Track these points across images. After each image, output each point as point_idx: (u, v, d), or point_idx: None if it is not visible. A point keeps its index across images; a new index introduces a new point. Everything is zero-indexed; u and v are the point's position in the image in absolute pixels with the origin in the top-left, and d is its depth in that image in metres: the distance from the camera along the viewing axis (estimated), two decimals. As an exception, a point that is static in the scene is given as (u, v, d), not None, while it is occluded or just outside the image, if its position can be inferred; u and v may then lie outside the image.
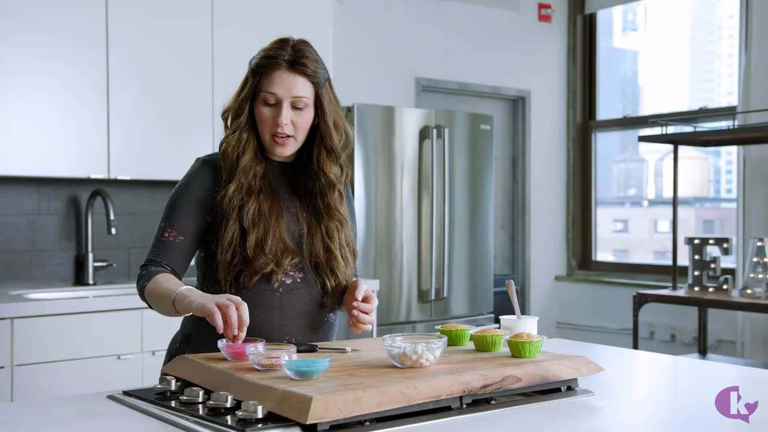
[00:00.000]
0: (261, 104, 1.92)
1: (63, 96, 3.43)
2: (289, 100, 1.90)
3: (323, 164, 1.99)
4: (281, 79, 1.90)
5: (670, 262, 5.36)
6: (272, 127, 1.92)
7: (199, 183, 1.97)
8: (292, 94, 1.90)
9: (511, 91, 5.57)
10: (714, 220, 5.86)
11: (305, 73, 1.91)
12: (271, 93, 1.90)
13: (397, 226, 4.23)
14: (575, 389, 1.71)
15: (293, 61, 1.91)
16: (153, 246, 1.97)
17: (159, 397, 1.61)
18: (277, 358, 1.59)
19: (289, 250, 1.91)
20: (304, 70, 1.91)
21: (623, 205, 5.92)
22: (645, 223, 6.02)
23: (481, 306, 4.60)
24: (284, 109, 1.90)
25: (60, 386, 3.08)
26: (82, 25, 3.46)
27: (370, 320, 1.92)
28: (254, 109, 1.94)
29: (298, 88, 1.91)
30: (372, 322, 1.93)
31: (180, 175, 3.68)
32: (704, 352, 4.34)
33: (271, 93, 1.90)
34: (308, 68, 1.92)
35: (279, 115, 1.90)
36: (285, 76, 1.90)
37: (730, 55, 5.70)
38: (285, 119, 1.90)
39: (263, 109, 1.92)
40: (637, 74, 5.99)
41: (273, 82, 1.90)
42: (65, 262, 3.74)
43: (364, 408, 1.41)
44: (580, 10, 5.82)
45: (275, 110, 1.91)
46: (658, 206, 6.00)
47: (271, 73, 1.90)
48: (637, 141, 5.77)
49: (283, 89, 1.90)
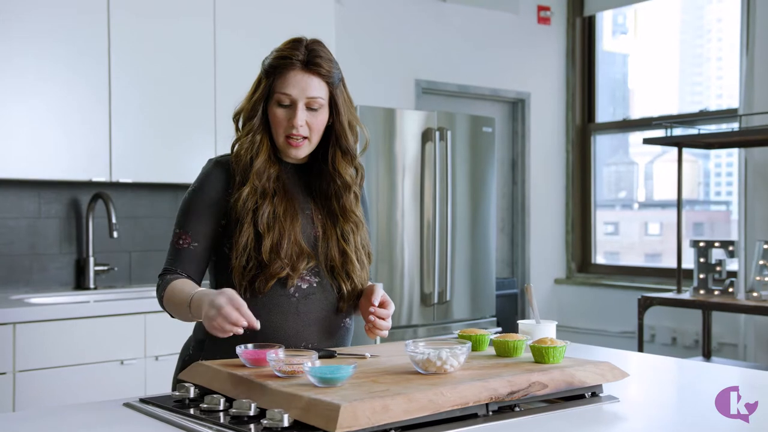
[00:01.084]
0: (275, 105, 1.89)
1: (64, 98, 3.39)
2: (303, 101, 1.87)
3: (338, 165, 1.95)
4: (296, 79, 1.86)
5: (667, 265, 5.40)
6: (287, 129, 1.88)
7: (211, 186, 1.93)
8: (307, 94, 1.87)
9: (510, 93, 5.55)
10: (704, 223, 5.88)
11: (320, 73, 1.88)
12: (286, 94, 1.87)
13: (398, 228, 4.19)
14: (600, 395, 1.69)
15: (308, 62, 1.87)
16: (168, 254, 1.94)
17: (177, 404, 1.58)
18: (299, 365, 1.55)
19: (304, 254, 1.88)
20: (318, 71, 1.88)
21: (614, 208, 5.94)
22: (635, 226, 6.03)
23: (483, 309, 4.57)
24: (299, 111, 1.86)
25: (63, 392, 3.04)
26: (84, 27, 3.42)
27: (387, 326, 1.89)
28: (268, 110, 1.90)
29: (312, 88, 1.87)
30: (389, 327, 1.89)
31: (181, 177, 3.70)
32: (708, 356, 4.32)
33: (286, 94, 1.87)
34: (323, 68, 1.88)
35: (294, 117, 1.87)
36: (300, 76, 1.87)
37: (719, 58, 5.73)
38: (300, 120, 1.86)
39: (277, 111, 1.89)
40: (627, 77, 6.00)
41: (287, 83, 1.86)
42: (66, 266, 3.69)
43: (392, 416, 1.38)
44: (579, 12, 5.81)
45: (290, 111, 1.88)
46: (648, 209, 6.02)
47: (286, 73, 1.87)
48: (627, 144, 5.82)
49: (297, 90, 1.86)
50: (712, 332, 4.54)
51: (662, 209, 6.02)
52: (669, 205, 5.93)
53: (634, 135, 5.87)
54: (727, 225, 5.56)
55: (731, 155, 5.44)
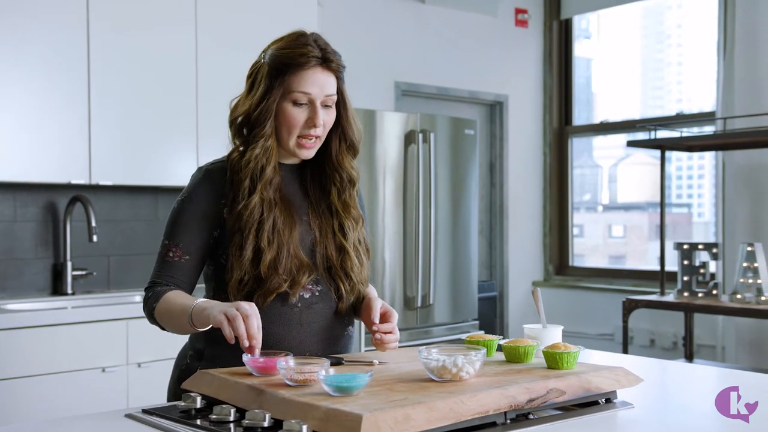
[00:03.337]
0: (288, 105, 1.79)
1: (42, 98, 3.29)
2: (321, 99, 1.80)
3: (343, 160, 1.89)
4: (315, 77, 1.78)
5: (643, 267, 5.43)
6: (303, 129, 1.80)
7: (203, 196, 1.83)
8: (326, 92, 1.80)
9: (488, 95, 5.53)
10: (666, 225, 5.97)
11: (335, 69, 1.82)
12: (304, 93, 1.78)
13: (380, 231, 4.14)
14: (614, 402, 1.66)
15: (324, 59, 1.79)
16: (157, 267, 1.84)
17: (183, 415, 1.52)
18: (311, 373, 1.50)
19: (304, 267, 1.80)
20: (334, 67, 1.81)
21: (578, 210, 5.98)
22: (600, 228, 6.08)
23: (465, 313, 4.55)
24: (319, 110, 1.79)
25: (44, 401, 2.95)
26: (62, 26, 3.32)
27: (395, 338, 1.83)
28: (276, 110, 1.80)
29: (330, 86, 1.81)
30: (397, 339, 1.83)
31: (162, 180, 3.62)
32: (690, 357, 4.33)
33: (304, 93, 1.78)
34: (337, 63, 1.82)
35: (315, 116, 1.79)
36: (319, 74, 1.79)
37: (679, 63, 5.80)
38: (320, 120, 1.79)
39: (292, 110, 1.79)
40: (591, 81, 6.04)
41: (306, 82, 1.78)
42: (42, 271, 3.59)
43: (414, 426, 1.33)
44: (556, 15, 5.82)
45: (307, 111, 1.79)
46: (612, 211, 6.08)
47: (302, 72, 1.77)
48: (591, 147, 5.86)
49: (317, 88, 1.78)
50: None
51: (626, 212, 6.08)
52: (632, 208, 6.00)
53: (598, 139, 5.93)
54: (688, 227, 5.62)
55: (691, 158, 5.53)
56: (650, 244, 5.88)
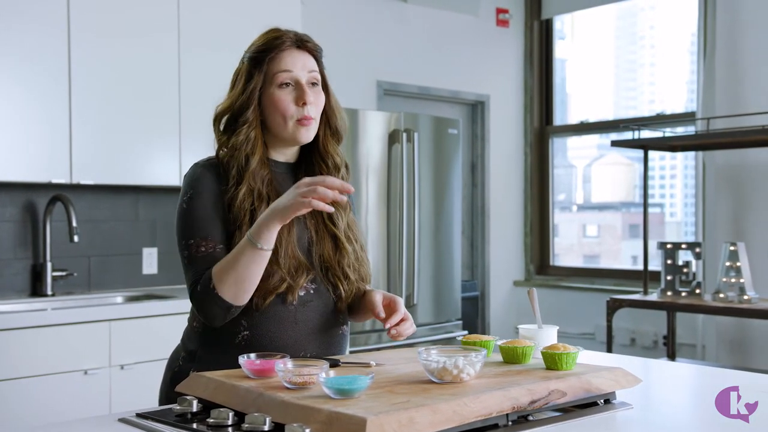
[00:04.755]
0: (275, 89, 1.78)
1: (22, 96, 3.23)
2: (305, 78, 1.80)
3: (329, 146, 1.89)
4: (292, 56, 1.80)
5: (622, 267, 5.46)
6: (297, 110, 1.78)
7: (208, 188, 1.79)
8: (307, 68, 1.81)
9: (470, 95, 5.53)
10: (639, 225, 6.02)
11: (312, 49, 1.83)
12: (287, 71, 1.78)
13: (363, 231, 4.12)
14: (613, 402, 1.65)
15: (299, 40, 1.82)
16: (193, 267, 1.73)
17: (179, 419, 1.48)
18: (311, 375, 1.47)
19: (302, 267, 1.77)
20: (310, 47, 1.83)
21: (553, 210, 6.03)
22: (574, 228, 6.12)
23: (449, 313, 4.53)
24: (306, 86, 1.79)
25: (25, 405, 2.89)
26: (43, 26, 3.26)
27: (410, 324, 1.82)
28: (262, 100, 1.79)
29: (310, 63, 1.82)
30: (412, 323, 1.83)
31: (144, 179, 3.57)
32: (673, 356, 4.35)
33: (287, 71, 1.78)
34: (312, 44, 1.84)
35: (303, 93, 1.78)
36: (296, 53, 1.80)
37: (652, 64, 5.85)
38: (310, 96, 1.79)
39: (280, 93, 1.78)
40: (565, 82, 6.07)
41: (284, 61, 1.79)
42: (21, 272, 3.52)
43: (418, 428, 1.31)
44: (537, 15, 5.83)
45: (296, 90, 1.79)
46: (586, 211, 6.11)
47: (280, 54, 1.79)
48: (566, 147, 5.89)
49: (298, 65, 1.79)
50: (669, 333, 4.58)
51: (600, 211, 6.12)
52: (606, 208, 6.03)
53: (572, 139, 5.96)
54: (661, 227, 5.66)
55: (664, 159, 5.57)
56: (623, 243, 5.92)
